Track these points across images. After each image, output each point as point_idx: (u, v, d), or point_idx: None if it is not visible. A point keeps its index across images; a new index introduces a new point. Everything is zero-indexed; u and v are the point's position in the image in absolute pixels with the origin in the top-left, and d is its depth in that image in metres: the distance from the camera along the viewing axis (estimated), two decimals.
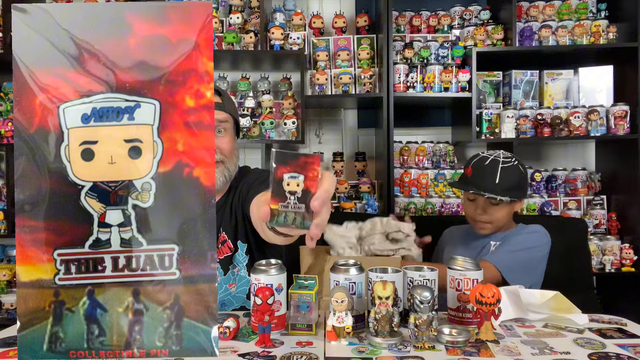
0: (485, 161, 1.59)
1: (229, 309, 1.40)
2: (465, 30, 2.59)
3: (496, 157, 1.58)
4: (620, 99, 2.47)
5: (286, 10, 2.61)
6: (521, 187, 1.59)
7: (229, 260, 1.38)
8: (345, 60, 2.51)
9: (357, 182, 2.59)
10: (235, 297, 1.41)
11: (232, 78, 2.67)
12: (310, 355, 0.92)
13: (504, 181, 1.54)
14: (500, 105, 2.58)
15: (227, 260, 1.38)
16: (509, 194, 1.53)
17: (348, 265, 1.08)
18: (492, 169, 1.56)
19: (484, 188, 1.54)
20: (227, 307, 1.40)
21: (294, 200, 0.69)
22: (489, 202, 1.57)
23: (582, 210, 2.55)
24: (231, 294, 1.40)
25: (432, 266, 1.10)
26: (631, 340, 1.00)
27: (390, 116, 2.41)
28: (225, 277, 1.39)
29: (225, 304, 1.40)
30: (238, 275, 1.40)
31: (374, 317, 0.97)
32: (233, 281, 1.40)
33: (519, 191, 1.57)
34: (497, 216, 1.58)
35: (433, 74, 2.44)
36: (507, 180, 1.54)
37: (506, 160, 1.57)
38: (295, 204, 0.69)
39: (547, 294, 1.17)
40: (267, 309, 0.96)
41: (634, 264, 2.40)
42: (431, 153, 2.64)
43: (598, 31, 2.45)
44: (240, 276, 1.39)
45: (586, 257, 2.13)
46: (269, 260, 1.10)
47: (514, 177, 1.56)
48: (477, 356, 0.91)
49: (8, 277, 2.44)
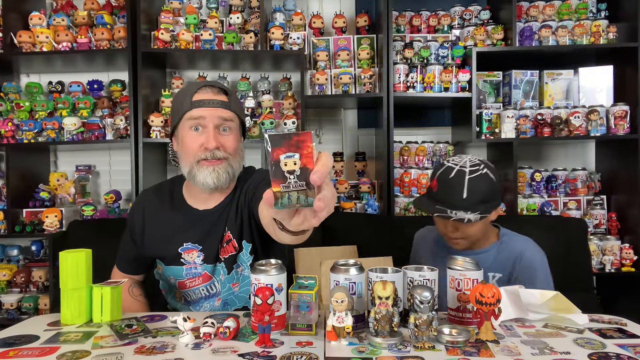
0: (450, 173, 1.40)
1: (231, 309, 1.40)
2: (465, 30, 2.59)
3: (462, 168, 1.40)
4: (620, 99, 2.47)
5: (286, 10, 2.61)
6: (493, 197, 1.40)
7: (233, 259, 1.38)
8: (345, 60, 2.51)
9: (357, 182, 2.59)
10: (238, 296, 1.41)
11: (232, 78, 2.67)
12: (310, 355, 0.92)
13: (473, 195, 1.36)
14: (500, 105, 2.58)
15: (231, 259, 1.38)
16: (479, 208, 1.35)
17: (348, 265, 1.08)
18: (459, 182, 1.37)
19: (450, 205, 1.36)
20: (230, 307, 1.40)
21: (294, 179, 0.70)
22: None
23: (582, 210, 2.55)
24: (234, 294, 1.40)
25: None
26: (631, 340, 1.00)
27: (390, 116, 2.41)
28: (229, 276, 1.39)
29: (228, 304, 1.40)
30: (242, 275, 1.39)
31: (374, 317, 0.97)
32: (236, 280, 1.40)
33: (490, 203, 1.39)
34: (470, 232, 1.41)
35: (433, 74, 2.44)
36: (475, 193, 1.36)
37: (473, 170, 1.38)
38: (296, 183, 0.70)
39: (547, 294, 1.17)
40: (267, 309, 0.96)
41: (634, 264, 2.40)
42: (431, 153, 2.64)
43: (598, 31, 2.45)
44: (243, 276, 1.39)
45: (586, 257, 2.14)
46: (269, 260, 1.10)
47: (483, 189, 1.37)
48: (477, 356, 0.91)
49: (8, 277, 2.44)
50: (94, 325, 1.13)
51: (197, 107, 1.30)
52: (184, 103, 1.32)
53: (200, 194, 1.39)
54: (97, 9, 2.52)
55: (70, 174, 2.64)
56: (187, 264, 1.38)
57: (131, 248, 1.48)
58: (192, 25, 2.44)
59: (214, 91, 1.34)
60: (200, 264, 1.38)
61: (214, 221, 1.38)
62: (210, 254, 1.37)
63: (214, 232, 1.37)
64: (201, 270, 1.38)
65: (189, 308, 1.43)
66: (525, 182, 2.60)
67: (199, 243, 1.37)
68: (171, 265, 1.40)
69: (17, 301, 2.40)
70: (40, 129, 2.40)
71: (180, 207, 1.42)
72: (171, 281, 1.43)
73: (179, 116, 1.33)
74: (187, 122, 1.31)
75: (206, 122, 1.30)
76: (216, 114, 1.31)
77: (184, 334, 1.00)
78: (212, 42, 2.41)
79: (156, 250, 1.42)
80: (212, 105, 1.31)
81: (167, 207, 1.43)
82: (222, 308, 1.40)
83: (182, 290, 1.41)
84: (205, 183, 1.30)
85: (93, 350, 0.96)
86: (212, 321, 1.02)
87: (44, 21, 2.43)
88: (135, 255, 1.48)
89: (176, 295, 1.46)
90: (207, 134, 1.29)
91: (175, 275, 1.40)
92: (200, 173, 1.30)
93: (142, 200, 1.50)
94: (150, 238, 1.43)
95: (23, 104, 2.43)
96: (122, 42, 2.40)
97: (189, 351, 0.96)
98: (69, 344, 1.00)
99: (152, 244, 1.42)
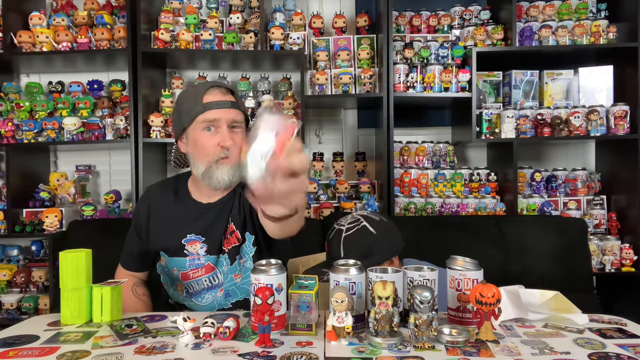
0: (331, 234, 1.40)
1: (233, 300, 1.43)
2: (465, 30, 2.59)
3: (340, 226, 1.39)
4: (620, 99, 2.47)
5: (286, 10, 2.61)
6: (374, 250, 1.33)
7: (237, 250, 1.41)
8: (345, 60, 2.51)
9: (357, 182, 2.59)
10: (240, 287, 1.43)
11: (232, 78, 2.67)
12: (310, 355, 0.92)
13: (349, 253, 1.31)
14: (500, 105, 2.58)
15: (234, 250, 1.41)
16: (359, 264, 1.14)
17: (348, 265, 1.08)
18: (336, 241, 1.36)
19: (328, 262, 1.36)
20: (232, 298, 1.43)
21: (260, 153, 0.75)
22: None
23: (582, 210, 2.55)
24: (236, 285, 1.42)
25: None
26: (631, 340, 1.00)
27: (390, 116, 2.41)
28: (231, 267, 1.42)
29: (230, 294, 1.43)
30: (244, 266, 1.42)
31: (374, 317, 0.97)
32: (239, 272, 1.43)
33: (371, 258, 1.30)
34: None
35: (433, 74, 2.44)
36: (352, 251, 1.31)
37: (350, 227, 1.37)
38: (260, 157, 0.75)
39: (547, 294, 1.17)
40: (267, 309, 0.96)
41: (634, 264, 2.40)
42: (431, 153, 2.64)
43: (598, 31, 2.45)
44: (246, 267, 1.42)
45: (586, 257, 2.14)
46: (269, 260, 1.10)
47: (359, 245, 1.33)
48: (477, 356, 0.91)
49: (8, 277, 2.44)
50: (94, 325, 1.13)
51: (209, 109, 1.34)
52: (194, 105, 1.35)
53: (205, 189, 1.43)
54: (97, 9, 2.52)
55: (70, 174, 2.64)
56: (191, 255, 1.42)
57: (136, 243, 1.51)
58: (192, 25, 2.44)
59: (222, 92, 1.38)
60: (203, 254, 1.41)
61: (217, 213, 1.42)
62: (214, 245, 1.40)
63: (217, 224, 1.41)
64: (204, 261, 1.41)
65: (190, 300, 1.45)
66: (525, 182, 2.60)
67: (202, 234, 1.41)
68: (175, 256, 1.43)
69: (17, 301, 2.40)
70: (40, 129, 2.40)
71: (185, 201, 1.47)
72: (174, 273, 1.45)
73: (191, 118, 1.36)
74: (200, 124, 1.35)
75: (220, 123, 1.35)
76: (228, 114, 1.35)
77: (184, 334, 1.00)
78: (212, 42, 2.41)
79: (160, 242, 1.45)
80: (224, 106, 1.35)
81: (172, 201, 1.48)
82: (223, 299, 1.42)
83: (184, 282, 1.44)
84: (222, 181, 1.35)
85: (93, 350, 0.96)
86: (212, 321, 1.02)
87: (44, 21, 2.43)
88: (140, 250, 1.51)
89: (178, 287, 1.48)
90: (222, 133, 1.34)
91: (178, 266, 1.43)
92: (218, 171, 1.35)
93: (147, 196, 1.54)
94: (155, 231, 1.47)
95: (23, 104, 2.43)
96: (122, 42, 2.40)
97: (189, 351, 0.96)
98: (69, 344, 1.00)
99: (156, 236, 1.46)
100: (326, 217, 2.37)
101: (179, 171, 1.61)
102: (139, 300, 1.48)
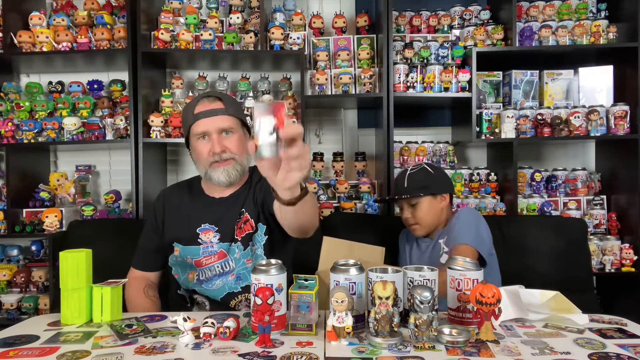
0: (399, 174, 1.92)
1: (243, 284, 1.51)
2: (465, 30, 2.59)
3: (406, 168, 1.90)
4: (620, 99, 2.47)
5: (286, 10, 2.61)
6: (430, 184, 1.81)
7: (249, 237, 1.53)
8: (345, 60, 2.51)
9: (357, 182, 2.58)
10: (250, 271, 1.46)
11: (232, 78, 2.67)
12: (310, 355, 0.92)
13: (411, 183, 1.82)
14: (500, 105, 2.58)
15: (247, 237, 1.53)
16: (416, 192, 1.79)
17: (348, 265, 1.08)
18: (402, 177, 1.86)
19: (396, 193, 1.86)
20: (242, 282, 1.51)
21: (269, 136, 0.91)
22: (407, 204, 1.83)
23: (582, 210, 2.55)
24: (247, 269, 1.52)
25: None
26: (631, 340, 1.00)
27: (390, 116, 2.41)
28: (244, 252, 1.52)
29: (240, 278, 1.51)
30: (255, 253, 1.54)
31: (374, 317, 0.97)
32: (250, 257, 1.53)
33: (427, 188, 1.80)
34: (419, 215, 1.81)
35: (433, 74, 2.44)
36: (413, 182, 1.82)
37: (414, 168, 1.87)
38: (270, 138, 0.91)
39: (547, 294, 1.17)
40: (267, 309, 0.97)
41: (634, 264, 2.40)
42: (431, 153, 2.64)
43: (598, 31, 2.45)
44: (257, 254, 1.54)
45: (586, 257, 2.14)
46: (269, 260, 1.11)
47: (419, 178, 1.82)
48: (477, 356, 0.91)
49: (8, 277, 2.43)
50: (94, 325, 1.13)
51: (197, 119, 1.50)
52: (188, 117, 1.53)
53: (217, 186, 1.57)
54: (97, 9, 2.52)
55: (70, 174, 2.64)
56: (204, 243, 1.53)
57: (152, 239, 1.63)
58: (192, 25, 2.44)
59: (210, 101, 1.53)
60: (216, 242, 1.53)
61: (230, 205, 1.56)
62: (226, 234, 1.53)
63: (230, 214, 1.54)
64: (217, 249, 1.52)
65: (201, 286, 1.53)
66: (525, 182, 2.60)
67: (215, 224, 1.54)
68: (189, 245, 1.54)
69: (17, 301, 2.40)
70: (40, 129, 2.40)
71: (199, 196, 1.62)
72: (188, 261, 1.55)
73: (187, 129, 1.55)
74: (195, 134, 1.52)
75: (210, 131, 1.49)
76: (214, 122, 1.49)
77: (184, 334, 1.00)
78: (212, 42, 2.41)
79: (176, 233, 1.57)
80: (210, 115, 1.49)
81: (187, 197, 1.63)
82: (234, 282, 1.51)
83: (197, 269, 1.54)
84: (220, 181, 1.51)
85: (93, 350, 0.96)
86: (212, 321, 1.02)
87: (44, 21, 2.43)
88: (156, 246, 1.62)
89: (189, 276, 1.55)
90: (212, 141, 1.49)
91: (192, 254, 1.54)
92: (214, 173, 1.51)
93: (162, 196, 1.69)
94: (170, 224, 1.60)
95: (23, 104, 2.43)
96: (122, 42, 2.40)
97: (189, 351, 0.96)
98: (69, 344, 1.00)
99: (172, 227, 1.59)
100: (326, 217, 2.37)
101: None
102: (149, 300, 1.55)
